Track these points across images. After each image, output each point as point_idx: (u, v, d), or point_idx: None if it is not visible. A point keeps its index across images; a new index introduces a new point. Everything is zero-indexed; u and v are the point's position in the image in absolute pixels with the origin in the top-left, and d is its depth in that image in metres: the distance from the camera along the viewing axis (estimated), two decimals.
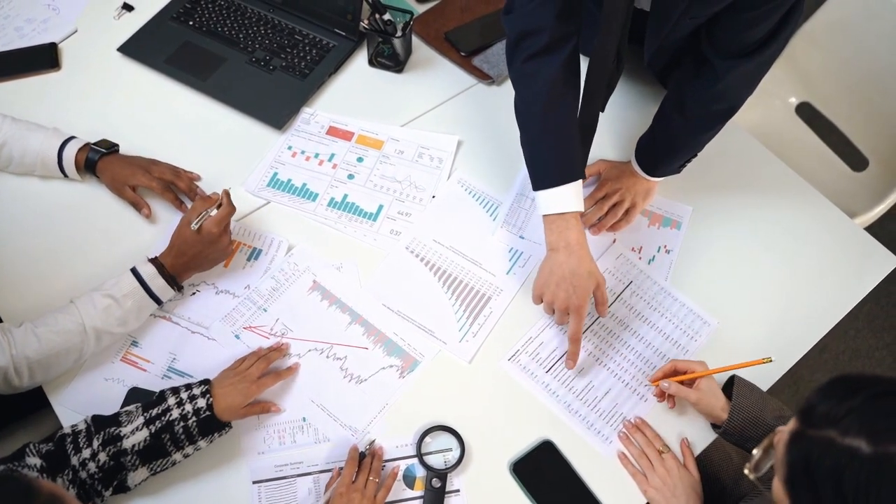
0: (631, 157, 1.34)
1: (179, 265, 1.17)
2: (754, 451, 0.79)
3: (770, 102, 1.85)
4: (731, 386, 1.13)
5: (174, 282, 1.17)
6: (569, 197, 1.14)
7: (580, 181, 1.16)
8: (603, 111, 1.27)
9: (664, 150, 1.29)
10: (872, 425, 0.66)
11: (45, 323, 1.08)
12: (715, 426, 1.15)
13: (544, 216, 1.17)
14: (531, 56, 1.11)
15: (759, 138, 1.48)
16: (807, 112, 1.84)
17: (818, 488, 0.68)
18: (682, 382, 1.14)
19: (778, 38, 1.06)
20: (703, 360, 1.15)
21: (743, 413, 1.09)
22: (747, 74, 1.14)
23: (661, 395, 1.18)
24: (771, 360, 1.11)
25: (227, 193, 1.19)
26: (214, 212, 1.16)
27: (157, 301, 1.16)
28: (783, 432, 0.73)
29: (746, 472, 0.80)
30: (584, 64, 1.16)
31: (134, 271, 1.14)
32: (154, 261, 1.16)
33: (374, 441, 1.13)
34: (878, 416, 0.67)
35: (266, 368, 1.15)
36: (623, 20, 1.06)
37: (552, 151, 1.15)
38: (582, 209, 1.17)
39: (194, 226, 1.15)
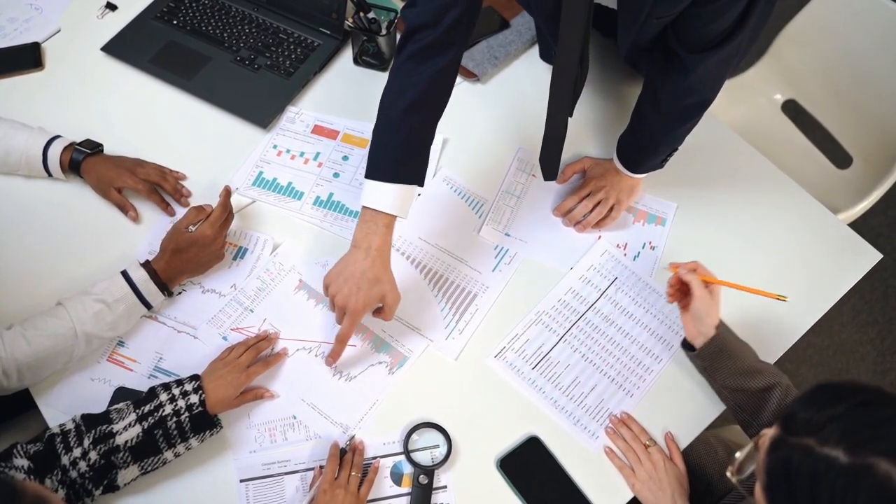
0: (613, 155, 1.35)
1: (172, 270, 1.17)
2: (737, 455, 0.79)
3: (755, 100, 1.87)
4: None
5: (165, 287, 1.17)
6: (392, 197, 1.11)
7: (413, 190, 1.14)
8: (571, 115, 1.26)
9: (644, 147, 1.29)
10: (851, 435, 0.67)
11: (35, 326, 1.07)
12: (687, 348, 1.19)
13: (363, 207, 1.13)
14: (418, 51, 1.10)
15: (744, 135, 1.49)
16: (792, 109, 1.85)
17: (796, 496, 0.69)
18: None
19: (741, 29, 1.06)
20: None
21: (719, 344, 1.13)
22: (716, 67, 1.15)
23: (675, 286, 1.18)
24: (786, 299, 1.15)
25: (227, 191, 1.19)
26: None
27: (148, 306, 1.16)
28: (766, 437, 0.74)
29: (729, 475, 0.80)
30: (547, 74, 1.14)
31: (125, 275, 1.14)
32: (146, 265, 1.16)
33: (353, 437, 1.14)
34: (857, 426, 0.67)
35: (255, 357, 1.15)
36: (584, 21, 1.05)
37: (396, 150, 1.13)
38: (401, 216, 1.13)
39: (191, 228, 1.15)
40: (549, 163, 1.30)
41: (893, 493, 0.64)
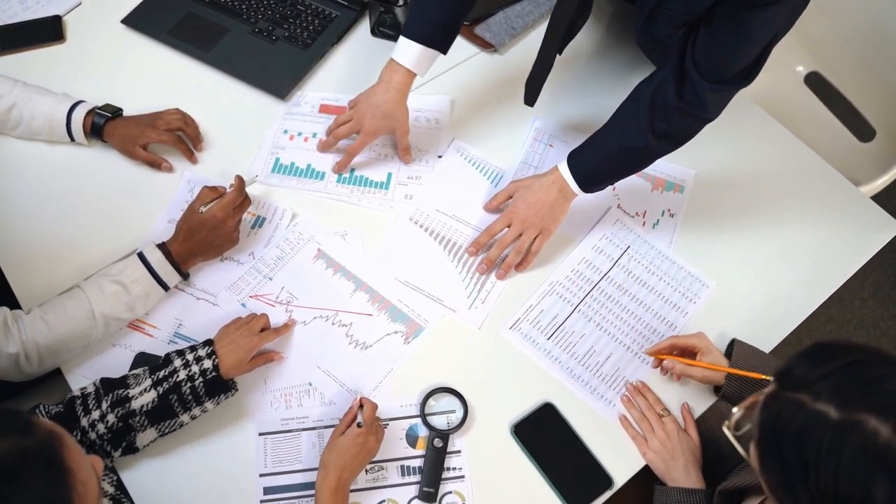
0: (561, 168, 1.23)
1: (184, 251, 1.18)
2: (734, 409, 0.79)
3: (778, 71, 1.84)
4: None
5: (179, 269, 1.18)
6: (414, 55, 1.24)
7: (435, 55, 1.26)
8: (560, 53, 1.35)
9: (625, 163, 1.23)
10: (843, 391, 0.67)
11: (54, 309, 1.09)
12: (717, 388, 1.16)
13: (391, 59, 1.26)
14: None
15: (766, 107, 1.47)
16: (815, 81, 1.82)
17: (783, 450, 0.69)
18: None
19: (758, 65, 1.08)
20: (701, 332, 1.15)
21: (740, 377, 1.10)
22: (723, 99, 1.13)
23: (658, 364, 1.18)
24: (769, 378, 1.10)
25: (239, 179, 1.20)
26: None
27: (165, 287, 1.17)
28: (763, 393, 0.74)
29: (724, 428, 0.80)
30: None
31: (141, 256, 1.15)
32: (161, 246, 1.17)
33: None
34: (849, 383, 0.67)
35: (266, 323, 1.16)
36: None
37: (427, 13, 1.24)
38: (417, 74, 1.27)
39: (202, 209, 1.16)
40: (531, 90, 1.35)
41: (877, 450, 0.64)
